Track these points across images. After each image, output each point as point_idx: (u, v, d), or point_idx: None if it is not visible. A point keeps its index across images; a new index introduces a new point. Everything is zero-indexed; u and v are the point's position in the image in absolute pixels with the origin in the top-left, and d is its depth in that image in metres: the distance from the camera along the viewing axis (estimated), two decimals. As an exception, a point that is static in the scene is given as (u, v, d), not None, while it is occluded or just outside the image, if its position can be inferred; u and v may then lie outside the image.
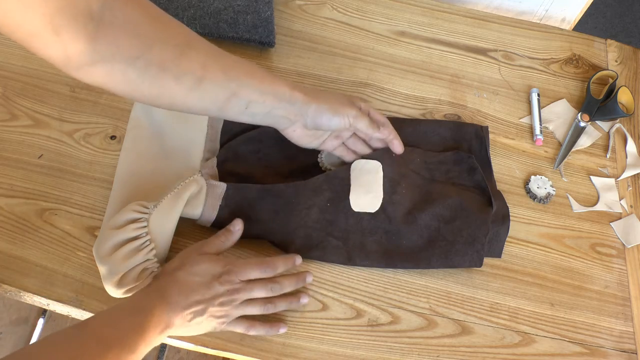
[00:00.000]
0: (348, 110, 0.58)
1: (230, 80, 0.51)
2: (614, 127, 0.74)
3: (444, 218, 0.61)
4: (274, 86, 0.53)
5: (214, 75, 0.49)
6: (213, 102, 0.51)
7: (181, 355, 1.22)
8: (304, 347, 0.56)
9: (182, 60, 0.48)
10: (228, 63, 0.51)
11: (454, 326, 0.59)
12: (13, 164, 0.62)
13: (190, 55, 0.48)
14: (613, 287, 0.63)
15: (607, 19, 1.82)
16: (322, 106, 0.56)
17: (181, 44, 0.48)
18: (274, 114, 0.55)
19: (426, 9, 0.81)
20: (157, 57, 0.46)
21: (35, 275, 0.56)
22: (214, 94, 0.51)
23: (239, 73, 0.51)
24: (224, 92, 0.51)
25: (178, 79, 0.48)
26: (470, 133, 0.69)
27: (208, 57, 0.50)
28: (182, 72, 0.48)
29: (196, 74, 0.48)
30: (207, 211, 0.58)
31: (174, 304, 0.50)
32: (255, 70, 0.53)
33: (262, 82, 0.53)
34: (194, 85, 0.49)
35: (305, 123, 0.56)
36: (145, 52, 0.45)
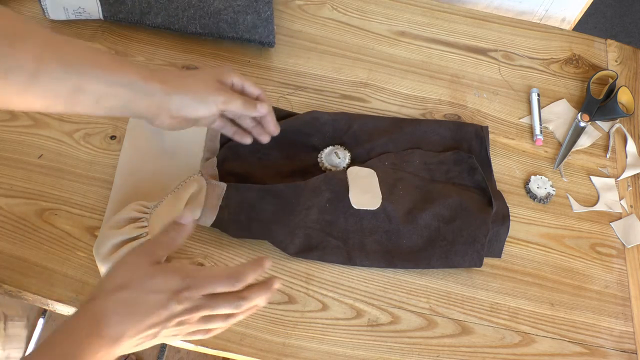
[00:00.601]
0: (215, 96, 0.52)
1: (71, 72, 0.44)
2: (614, 127, 0.74)
3: (444, 218, 0.61)
4: (125, 76, 0.47)
5: (50, 67, 0.43)
6: (56, 97, 0.45)
7: (181, 355, 1.22)
8: (304, 347, 0.56)
9: (11, 54, 0.41)
10: (68, 52, 0.44)
11: (454, 326, 0.59)
12: (13, 164, 0.62)
13: (19, 46, 0.42)
14: (613, 287, 0.63)
15: (607, 19, 1.82)
16: (184, 96, 0.50)
17: (8, 35, 0.41)
18: (133, 107, 0.49)
19: (426, 9, 0.81)
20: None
21: (35, 275, 0.56)
22: (54, 89, 0.44)
23: (82, 63, 0.45)
24: (65, 86, 0.44)
25: (6, 75, 0.41)
26: (470, 133, 0.69)
27: (44, 47, 0.43)
28: (10, 67, 0.41)
29: (28, 67, 0.42)
30: (207, 211, 0.58)
31: (114, 337, 0.40)
32: (102, 59, 0.47)
33: (110, 72, 0.46)
34: (28, 80, 0.42)
35: (169, 114, 0.50)
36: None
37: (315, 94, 0.71)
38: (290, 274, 0.59)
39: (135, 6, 0.69)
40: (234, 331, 0.56)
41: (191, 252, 0.59)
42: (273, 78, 0.72)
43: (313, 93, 0.71)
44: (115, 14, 0.69)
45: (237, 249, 0.60)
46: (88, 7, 0.68)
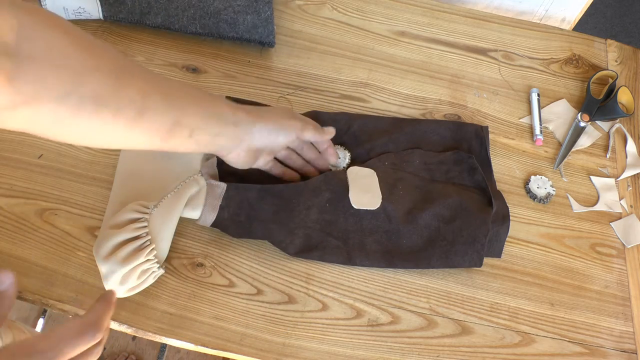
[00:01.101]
0: (293, 122, 0.56)
1: (172, 107, 0.45)
2: (614, 127, 0.74)
3: (444, 218, 0.61)
4: (216, 109, 0.50)
5: (155, 103, 0.44)
6: (156, 133, 0.46)
7: (181, 355, 1.22)
8: (304, 347, 0.56)
9: (120, 90, 0.42)
10: (166, 87, 0.46)
11: (454, 326, 0.59)
12: (13, 164, 0.62)
13: (127, 82, 0.42)
14: (613, 287, 0.63)
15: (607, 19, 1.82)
16: (267, 124, 0.54)
17: (115, 70, 0.42)
18: (219, 140, 0.51)
19: (426, 9, 0.81)
20: (92, 89, 0.40)
21: (35, 275, 0.56)
22: (157, 124, 0.45)
23: (180, 98, 0.47)
24: (166, 121, 0.45)
25: (117, 112, 0.42)
26: (470, 133, 0.69)
27: (146, 82, 0.44)
28: (122, 104, 0.42)
29: (136, 103, 0.43)
30: (207, 211, 0.58)
31: None
32: (194, 93, 0.49)
33: (203, 107, 0.49)
34: (136, 116, 0.43)
35: (250, 144, 0.54)
36: (77, 86, 0.39)
37: (315, 94, 0.71)
38: (290, 274, 0.59)
39: (135, 6, 0.69)
40: (234, 331, 0.56)
41: (191, 252, 0.59)
42: (273, 78, 0.72)
43: (313, 93, 0.71)
44: (115, 14, 0.70)
45: (237, 249, 0.60)
46: (88, 7, 0.68)
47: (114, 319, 0.55)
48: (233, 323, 0.56)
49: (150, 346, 1.22)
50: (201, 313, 0.56)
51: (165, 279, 0.58)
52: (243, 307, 0.57)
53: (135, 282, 0.53)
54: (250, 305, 0.57)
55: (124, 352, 1.20)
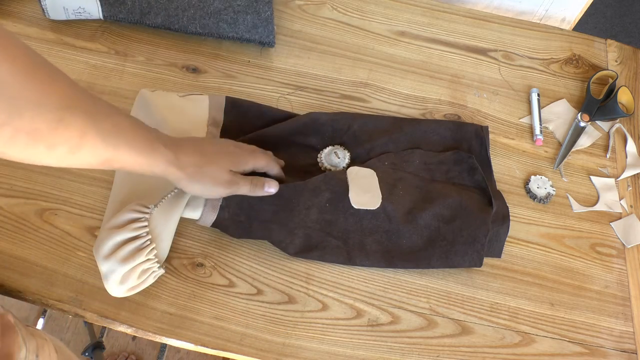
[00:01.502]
0: (221, 190, 0.56)
1: (107, 146, 0.45)
2: (614, 127, 0.74)
3: (444, 218, 0.61)
4: (151, 159, 0.49)
5: (91, 141, 0.44)
6: (86, 165, 0.46)
7: (181, 355, 1.22)
8: (304, 347, 0.56)
9: (59, 129, 0.40)
10: (107, 125, 0.45)
11: (454, 326, 0.59)
12: (13, 164, 0.62)
13: (68, 121, 0.41)
14: (613, 287, 0.63)
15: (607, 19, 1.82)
16: (197, 185, 0.54)
17: (59, 107, 0.40)
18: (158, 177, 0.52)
19: (426, 9, 0.81)
20: (29, 125, 0.38)
21: (35, 275, 0.56)
22: (88, 160, 0.45)
23: (118, 140, 0.46)
24: (99, 159, 0.46)
25: (51, 149, 0.41)
26: (470, 133, 0.69)
27: (87, 121, 0.43)
28: (57, 142, 0.41)
29: (72, 142, 0.42)
30: (207, 211, 0.58)
31: None
32: (136, 137, 0.48)
33: (140, 152, 0.48)
34: (69, 154, 0.43)
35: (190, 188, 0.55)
36: (14, 119, 0.37)
37: (315, 94, 0.71)
38: (290, 274, 0.59)
39: (135, 6, 0.69)
40: (233, 331, 0.56)
41: (191, 252, 0.59)
42: (273, 78, 0.72)
43: (313, 93, 0.71)
44: (115, 14, 0.69)
45: (237, 249, 0.60)
46: (88, 7, 0.68)
47: (114, 319, 0.55)
48: (233, 323, 0.56)
49: (150, 346, 1.22)
50: (201, 313, 0.56)
51: (165, 279, 0.57)
52: (243, 307, 0.57)
53: (136, 282, 0.53)
54: (250, 305, 0.57)
55: (124, 352, 1.20)
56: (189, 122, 0.64)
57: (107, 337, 1.22)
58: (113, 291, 0.53)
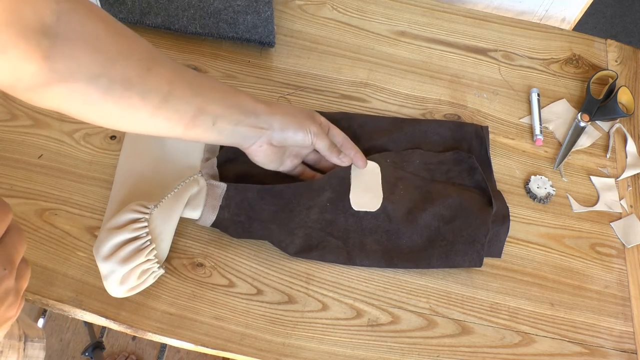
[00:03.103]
0: (310, 125, 0.56)
1: (196, 95, 0.48)
2: (614, 127, 0.74)
3: (444, 218, 0.61)
4: (237, 99, 0.52)
5: (180, 90, 0.47)
6: (180, 119, 0.48)
7: (181, 355, 1.22)
8: (304, 347, 0.56)
9: (148, 76, 0.45)
10: (191, 77, 0.48)
11: (454, 326, 0.59)
12: (13, 164, 0.62)
13: (155, 70, 0.45)
14: (613, 287, 0.63)
15: (607, 19, 1.82)
16: (286, 118, 0.54)
17: (145, 58, 0.45)
18: (241, 130, 0.52)
19: (426, 9, 0.81)
20: (121, 73, 0.42)
21: (35, 275, 0.56)
22: (181, 111, 0.48)
23: (204, 87, 0.49)
24: (190, 108, 0.48)
25: (144, 96, 0.45)
26: (470, 133, 0.69)
27: (173, 72, 0.47)
28: (149, 89, 0.45)
29: (163, 90, 0.45)
30: (207, 211, 0.58)
31: None
32: (217, 85, 0.51)
33: (226, 96, 0.51)
34: (161, 102, 0.46)
35: (271, 137, 0.54)
36: (109, 69, 0.42)
37: (315, 94, 0.71)
38: (290, 274, 0.59)
39: (135, 6, 0.69)
40: (234, 331, 0.56)
41: (191, 252, 0.59)
42: (273, 78, 0.72)
43: (313, 93, 0.71)
44: (115, 14, 0.69)
45: (237, 249, 0.60)
46: (88, 7, 0.68)
47: (114, 319, 0.55)
48: (233, 323, 0.56)
49: (150, 346, 1.22)
50: (201, 313, 0.56)
51: (165, 279, 0.58)
52: (243, 307, 0.57)
53: (135, 282, 0.53)
54: (250, 305, 0.57)
55: (124, 352, 1.20)
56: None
57: (107, 337, 1.22)
58: (113, 291, 0.53)
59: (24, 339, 0.55)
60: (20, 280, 0.37)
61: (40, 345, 0.58)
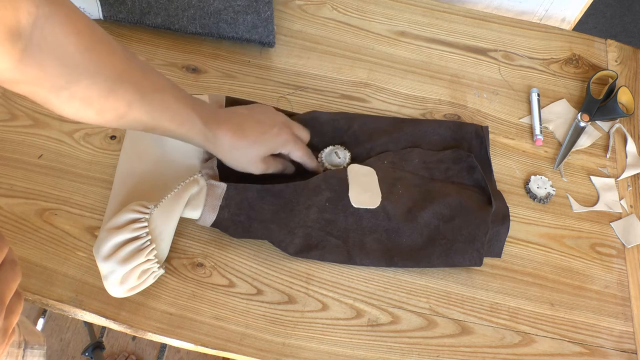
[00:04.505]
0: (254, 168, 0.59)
1: (150, 120, 0.50)
2: (614, 127, 0.74)
3: (443, 217, 0.61)
4: (189, 134, 0.54)
5: (136, 114, 0.49)
6: (129, 128, 0.51)
7: (181, 355, 1.22)
8: (304, 347, 0.56)
9: (109, 99, 0.46)
10: (153, 102, 0.49)
11: (454, 326, 0.59)
12: (13, 164, 0.62)
13: (118, 93, 0.46)
14: (613, 287, 0.63)
15: (607, 19, 1.82)
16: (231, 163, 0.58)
17: (111, 78, 0.45)
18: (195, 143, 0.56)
19: (426, 9, 0.81)
20: (84, 92, 0.44)
21: (35, 275, 0.56)
22: (131, 127, 0.51)
23: (163, 114, 0.51)
24: (141, 126, 0.51)
25: (100, 114, 0.47)
26: (470, 133, 0.69)
27: (136, 94, 0.48)
28: (106, 109, 0.46)
29: (119, 111, 0.47)
30: (207, 211, 0.58)
31: None
32: (177, 113, 0.52)
33: (180, 127, 0.52)
34: (115, 119, 0.48)
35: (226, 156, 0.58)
36: (72, 85, 0.43)
37: (315, 94, 0.71)
38: (290, 274, 0.59)
39: (135, 6, 0.69)
40: (234, 331, 0.56)
41: (191, 252, 0.59)
42: (273, 78, 0.72)
43: (313, 93, 0.71)
44: (115, 14, 0.70)
45: (237, 249, 0.60)
46: (88, 7, 0.68)
47: (114, 319, 0.55)
48: (233, 323, 0.56)
49: (150, 346, 1.22)
50: (201, 313, 0.56)
51: (165, 279, 0.58)
52: (243, 307, 0.57)
53: (135, 282, 0.53)
54: (250, 305, 0.57)
55: (124, 352, 1.20)
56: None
57: (107, 337, 1.22)
58: (113, 291, 0.53)
59: (24, 346, 0.55)
60: (10, 316, 0.37)
61: (40, 352, 0.58)
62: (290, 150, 0.60)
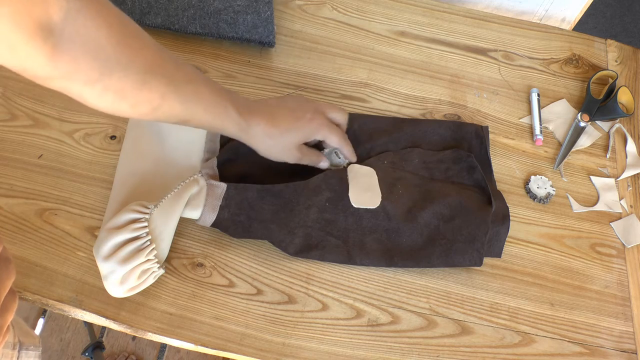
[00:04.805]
0: (288, 158, 0.59)
1: (185, 110, 0.50)
2: (614, 127, 0.74)
3: (443, 217, 0.61)
4: (224, 124, 0.54)
5: (170, 106, 0.49)
6: (165, 121, 0.51)
7: (181, 355, 1.22)
8: (304, 347, 0.56)
9: (142, 91, 0.46)
10: (186, 93, 0.50)
11: (454, 326, 0.59)
12: (13, 164, 0.62)
13: (151, 84, 0.46)
14: (613, 287, 0.63)
15: (607, 19, 1.82)
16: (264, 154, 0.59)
17: (144, 71, 0.45)
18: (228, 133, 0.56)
19: (426, 9, 0.81)
20: (117, 84, 0.44)
21: (35, 275, 0.56)
22: (166, 119, 0.51)
23: (197, 106, 0.51)
24: (176, 118, 0.51)
25: (134, 107, 0.47)
26: (471, 133, 0.69)
27: (168, 86, 0.48)
28: (140, 101, 0.47)
29: (153, 103, 0.47)
30: (207, 211, 0.58)
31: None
32: (210, 103, 0.52)
33: (214, 119, 0.53)
34: (150, 111, 0.48)
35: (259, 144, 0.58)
36: (105, 77, 0.43)
37: (315, 94, 0.71)
38: (290, 274, 0.59)
39: (135, 6, 0.69)
40: (233, 331, 0.56)
41: (191, 252, 0.59)
42: (273, 78, 0.72)
43: (313, 93, 0.71)
44: (115, 14, 0.69)
45: (237, 249, 0.60)
46: (88, 7, 0.68)
47: (114, 319, 0.55)
48: (233, 323, 0.56)
49: (150, 346, 1.22)
50: (201, 313, 0.56)
51: (165, 279, 0.58)
52: (243, 307, 0.57)
53: (135, 282, 0.53)
54: (250, 305, 0.57)
55: (124, 352, 1.20)
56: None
57: (107, 337, 1.22)
58: (113, 291, 0.53)
59: (19, 347, 0.55)
60: (5, 313, 0.38)
61: (36, 353, 0.58)
62: (326, 135, 0.60)
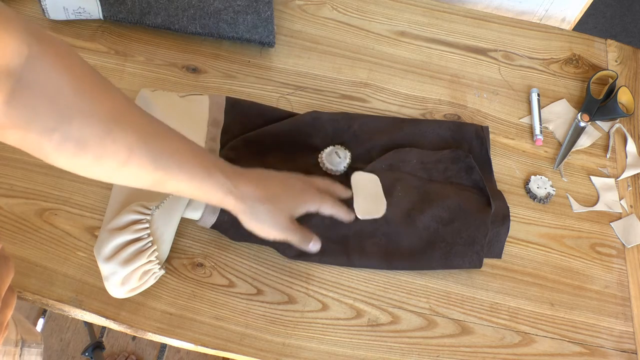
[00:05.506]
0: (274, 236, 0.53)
1: (157, 169, 0.44)
2: (614, 127, 0.74)
3: (442, 220, 0.61)
4: (207, 186, 0.48)
5: (139, 162, 0.43)
6: (137, 183, 0.46)
7: (181, 355, 1.22)
8: (304, 347, 0.56)
9: (106, 141, 0.41)
10: (158, 148, 0.44)
11: (454, 326, 0.59)
12: (13, 164, 0.62)
13: (115, 135, 0.41)
14: (613, 287, 0.63)
15: (607, 19, 1.82)
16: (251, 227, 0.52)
17: (107, 119, 0.41)
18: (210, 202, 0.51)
19: (426, 9, 0.81)
20: (77, 133, 0.39)
21: (35, 275, 0.56)
22: (138, 179, 0.45)
23: (169, 163, 0.45)
24: (148, 179, 0.45)
25: (99, 160, 0.42)
26: (471, 133, 0.69)
27: (137, 136, 0.43)
28: (104, 154, 0.41)
29: (119, 157, 0.42)
30: (208, 213, 0.58)
31: None
32: (188, 161, 0.46)
33: (193, 179, 0.46)
34: (117, 167, 0.43)
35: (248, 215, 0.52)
36: (64, 125, 0.39)
37: (315, 94, 0.71)
38: (290, 274, 0.59)
39: (135, 6, 0.69)
40: (233, 331, 0.56)
41: (191, 252, 0.59)
42: (273, 78, 0.72)
43: (313, 93, 0.71)
44: (115, 14, 0.69)
45: (237, 249, 0.60)
46: (88, 7, 0.68)
47: (114, 319, 0.55)
48: (233, 323, 0.56)
49: (150, 346, 1.22)
50: (201, 313, 0.56)
51: (166, 279, 0.58)
52: (243, 307, 0.57)
53: (137, 284, 0.53)
54: (250, 305, 0.57)
55: (124, 352, 1.20)
56: (189, 122, 0.64)
57: (107, 337, 1.22)
58: (114, 292, 0.53)
59: (21, 344, 0.55)
60: (4, 310, 0.37)
61: (38, 350, 0.58)
62: (319, 205, 0.55)
